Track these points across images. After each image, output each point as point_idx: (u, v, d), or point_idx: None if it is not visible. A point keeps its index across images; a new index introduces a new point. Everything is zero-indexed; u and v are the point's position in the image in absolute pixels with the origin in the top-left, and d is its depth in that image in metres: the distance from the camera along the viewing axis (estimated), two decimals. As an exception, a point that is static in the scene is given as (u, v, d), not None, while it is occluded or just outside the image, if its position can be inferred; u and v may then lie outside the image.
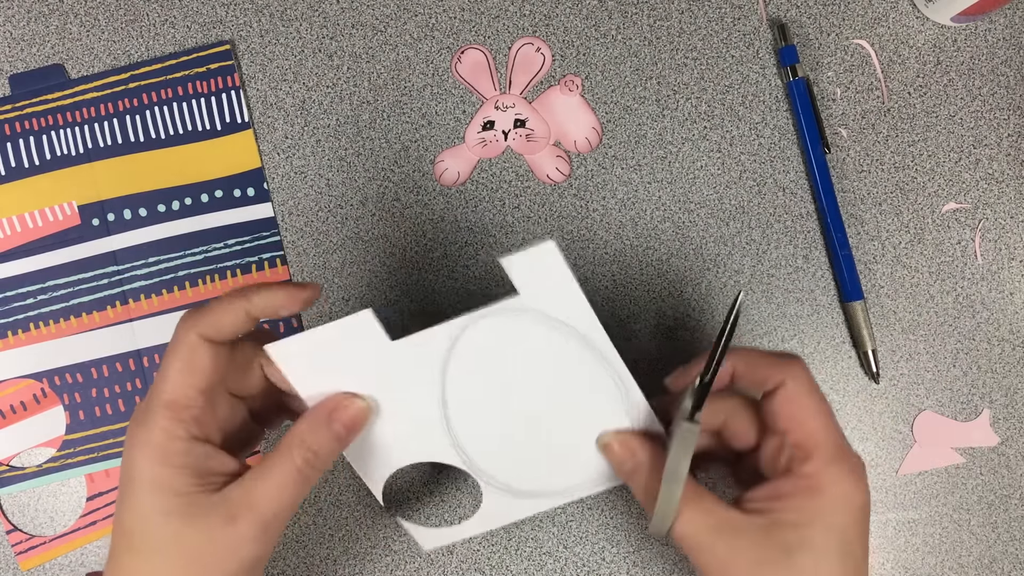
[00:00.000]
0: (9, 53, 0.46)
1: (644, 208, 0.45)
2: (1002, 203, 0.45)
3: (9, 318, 0.45)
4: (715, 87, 0.46)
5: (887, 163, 0.45)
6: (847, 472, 0.30)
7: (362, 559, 0.44)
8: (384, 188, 0.45)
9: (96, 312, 0.45)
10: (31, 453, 0.44)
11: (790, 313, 0.45)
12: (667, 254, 0.45)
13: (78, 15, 0.46)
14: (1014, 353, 0.44)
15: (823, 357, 0.45)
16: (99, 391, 0.44)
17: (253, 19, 0.46)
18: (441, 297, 0.45)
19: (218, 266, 0.45)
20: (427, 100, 0.46)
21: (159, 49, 0.46)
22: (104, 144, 0.45)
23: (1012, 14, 0.46)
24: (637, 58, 0.46)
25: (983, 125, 0.45)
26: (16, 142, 0.45)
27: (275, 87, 0.46)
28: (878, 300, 0.45)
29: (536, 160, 0.45)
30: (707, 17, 0.46)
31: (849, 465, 0.30)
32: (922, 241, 0.45)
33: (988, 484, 0.44)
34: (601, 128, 0.45)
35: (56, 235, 0.45)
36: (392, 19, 0.46)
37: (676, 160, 0.45)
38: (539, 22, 0.46)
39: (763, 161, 0.45)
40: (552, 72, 0.46)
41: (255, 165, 0.45)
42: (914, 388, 0.44)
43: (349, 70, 0.46)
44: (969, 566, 0.44)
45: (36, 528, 0.44)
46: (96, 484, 0.44)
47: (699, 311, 0.45)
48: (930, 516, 0.44)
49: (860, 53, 0.46)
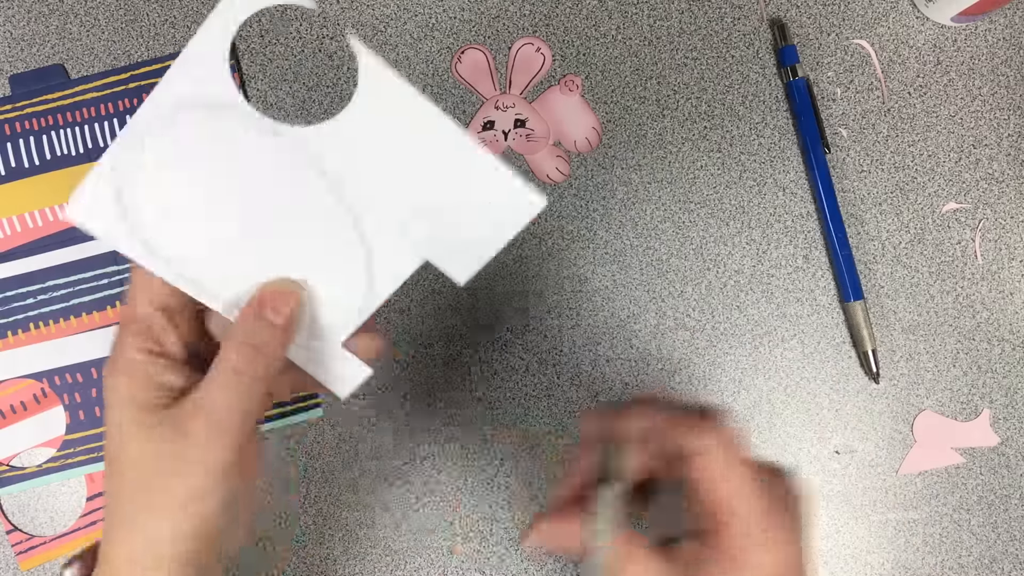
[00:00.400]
0: (9, 53, 0.46)
1: (644, 208, 0.45)
2: (1002, 203, 0.45)
3: (9, 318, 0.45)
4: (715, 87, 0.46)
5: (887, 163, 0.45)
6: (764, 545, 0.29)
7: (362, 559, 0.44)
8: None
9: (96, 312, 0.45)
10: (31, 453, 0.44)
11: (790, 313, 0.45)
12: (667, 254, 0.45)
13: (78, 15, 0.46)
14: (1014, 353, 0.44)
15: (823, 357, 0.45)
16: (99, 391, 0.44)
17: (253, 19, 0.46)
18: (441, 298, 0.45)
19: (218, 266, 0.45)
20: (427, 100, 0.46)
21: (159, 49, 0.46)
22: (104, 144, 0.45)
23: (1012, 14, 0.46)
24: (637, 58, 0.46)
25: (983, 125, 0.45)
26: (16, 142, 0.45)
27: (275, 87, 0.46)
28: (878, 300, 0.45)
29: (536, 160, 0.45)
30: (707, 17, 0.46)
31: (769, 536, 0.29)
32: (922, 241, 0.45)
33: (988, 484, 0.44)
34: (601, 128, 0.45)
35: (56, 235, 0.45)
36: (392, 19, 0.46)
37: (676, 160, 0.45)
38: (539, 22, 0.46)
39: (763, 161, 0.45)
40: (552, 72, 0.46)
41: (255, 165, 0.45)
42: (914, 388, 0.44)
43: (349, 70, 0.46)
44: (969, 566, 0.44)
45: (36, 528, 0.44)
46: (96, 484, 0.44)
47: (699, 311, 0.45)
48: (930, 516, 0.44)
49: (860, 53, 0.46)
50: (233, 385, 0.29)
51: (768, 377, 0.44)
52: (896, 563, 0.44)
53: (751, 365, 0.45)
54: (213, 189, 0.30)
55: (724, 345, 0.45)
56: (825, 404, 0.44)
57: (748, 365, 0.45)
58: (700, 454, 0.30)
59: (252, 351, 0.29)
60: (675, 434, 0.31)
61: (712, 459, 0.30)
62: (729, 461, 0.30)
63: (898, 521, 0.44)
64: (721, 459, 0.30)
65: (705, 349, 0.45)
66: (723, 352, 0.45)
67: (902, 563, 0.44)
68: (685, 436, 0.30)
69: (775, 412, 0.44)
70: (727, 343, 0.45)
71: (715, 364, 0.45)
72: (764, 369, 0.44)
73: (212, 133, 0.30)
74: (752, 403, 0.44)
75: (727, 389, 0.45)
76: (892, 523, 0.44)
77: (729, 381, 0.44)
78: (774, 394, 0.44)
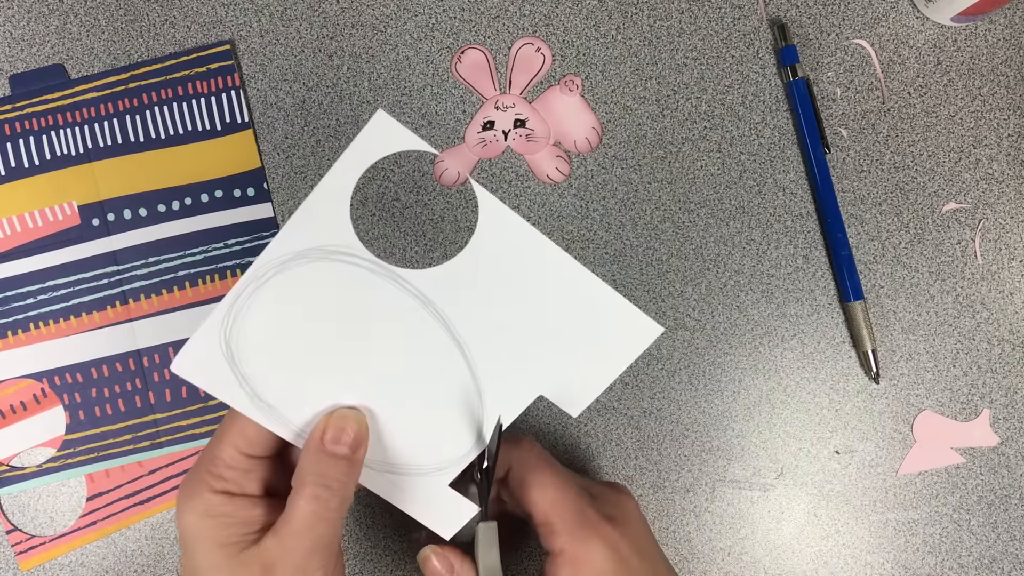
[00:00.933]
0: (9, 53, 0.46)
1: (644, 208, 0.45)
2: (1002, 203, 0.45)
3: (9, 318, 0.45)
4: (715, 87, 0.46)
5: (887, 163, 0.45)
6: (591, 535, 0.30)
7: (362, 559, 0.44)
8: (384, 188, 0.45)
9: (96, 312, 0.45)
10: (31, 453, 0.44)
11: (790, 313, 0.45)
12: (667, 254, 0.45)
13: (78, 15, 0.46)
14: (1014, 353, 0.44)
15: (823, 357, 0.45)
16: (99, 391, 0.44)
17: (253, 19, 0.46)
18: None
19: (218, 266, 0.45)
20: (427, 100, 0.46)
21: (159, 49, 0.46)
22: (104, 144, 0.45)
23: (1012, 14, 0.46)
24: (637, 58, 0.46)
25: (983, 125, 0.45)
26: (16, 142, 0.45)
27: (275, 87, 0.46)
28: (878, 300, 0.45)
29: (536, 160, 0.45)
30: (707, 17, 0.46)
31: (593, 528, 0.31)
32: (922, 241, 0.45)
33: (988, 484, 0.44)
34: (601, 128, 0.45)
35: (56, 235, 0.45)
36: (392, 19, 0.46)
37: (676, 160, 0.45)
38: (539, 22, 0.46)
39: (763, 161, 0.45)
40: (552, 72, 0.46)
41: (255, 165, 0.45)
42: (914, 388, 0.44)
43: (349, 70, 0.46)
44: (969, 566, 0.44)
45: (36, 528, 0.44)
46: (96, 484, 0.44)
47: (699, 311, 0.45)
48: (930, 516, 0.44)
49: (860, 53, 0.46)
50: (308, 530, 0.30)
51: (768, 377, 0.44)
52: (896, 563, 0.44)
53: (751, 365, 0.45)
54: (323, 333, 0.30)
55: (724, 345, 0.45)
56: (825, 404, 0.44)
57: (748, 365, 0.45)
58: (515, 462, 0.32)
59: (324, 491, 0.30)
60: (507, 459, 0.33)
61: (522, 472, 0.32)
62: (538, 471, 0.32)
63: (898, 521, 0.44)
64: (530, 469, 0.32)
65: (705, 349, 0.45)
66: (723, 352, 0.45)
67: (902, 563, 0.44)
68: (503, 452, 0.32)
69: (775, 412, 0.44)
70: (727, 343, 0.45)
71: (715, 364, 0.45)
72: (764, 369, 0.45)
73: (324, 278, 0.29)
74: (752, 403, 0.44)
75: (727, 389, 0.45)
76: (892, 523, 0.44)
77: (729, 381, 0.45)
78: (774, 394, 0.44)
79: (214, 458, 0.31)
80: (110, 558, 0.44)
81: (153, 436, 0.44)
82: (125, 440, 0.44)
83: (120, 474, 0.44)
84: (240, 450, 0.31)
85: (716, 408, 0.44)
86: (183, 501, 0.30)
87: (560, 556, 0.31)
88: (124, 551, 0.44)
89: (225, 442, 0.31)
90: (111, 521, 0.44)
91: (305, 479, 0.30)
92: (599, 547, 0.30)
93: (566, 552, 0.30)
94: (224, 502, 0.30)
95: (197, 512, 0.30)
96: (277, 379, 0.30)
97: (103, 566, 0.44)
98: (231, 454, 0.31)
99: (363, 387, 0.31)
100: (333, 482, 0.30)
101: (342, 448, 0.30)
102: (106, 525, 0.44)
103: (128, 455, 0.44)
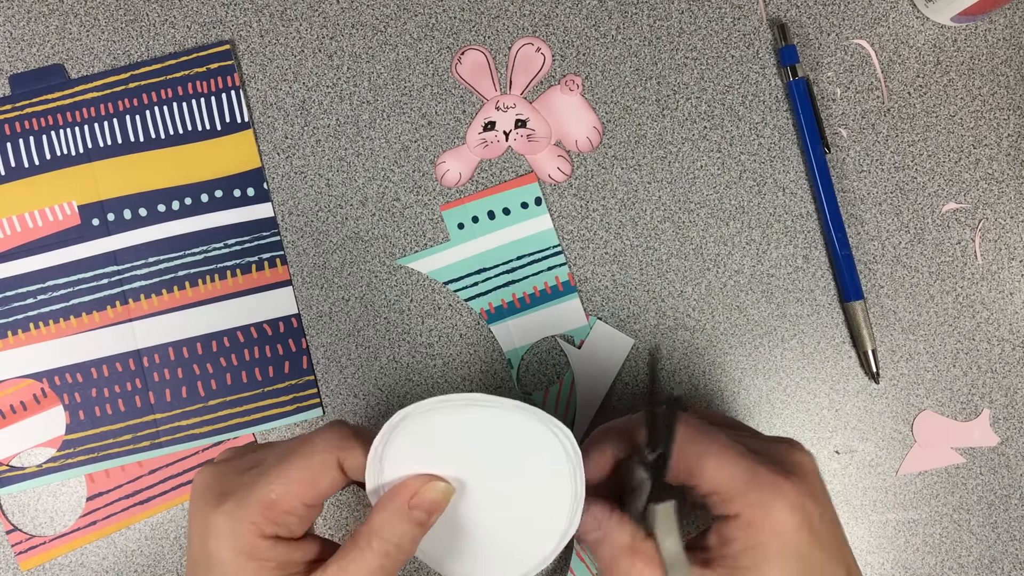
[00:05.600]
0: (9, 53, 0.46)
1: (644, 208, 0.45)
2: (1002, 203, 0.45)
3: (9, 318, 0.45)
4: (715, 87, 0.46)
5: (887, 163, 0.45)
6: (769, 497, 0.29)
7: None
8: (384, 188, 0.45)
9: (96, 312, 0.45)
10: (31, 453, 0.44)
11: (790, 313, 0.45)
12: (667, 254, 0.45)
13: (78, 15, 0.46)
14: (1014, 353, 0.44)
15: (823, 357, 0.45)
16: (99, 391, 0.44)
17: (253, 19, 0.46)
18: (440, 298, 0.45)
19: (218, 266, 0.45)
20: (427, 100, 0.46)
21: (159, 49, 0.46)
22: (104, 144, 0.45)
23: (1012, 14, 0.46)
24: (637, 58, 0.46)
25: (983, 125, 0.45)
26: (16, 142, 0.45)
27: (275, 87, 0.46)
28: (878, 300, 0.45)
29: (537, 160, 0.45)
30: (707, 17, 0.46)
31: (769, 489, 0.29)
32: (922, 241, 0.45)
33: (988, 484, 0.44)
34: (602, 128, 0.45)
35: (56, 235, 0.45)
36: (392, 19, 0.46)
37: (676, 160, 0.45)
38: (539, 22, 0.46)
39: (763, 161, 0.45)
40: (552, 72, 0.46)
41: (255, 165, 0.45)
42: (914, 388, 0.44)
43: (349, 70, 0.46)
44: (969, 566, 0.44)
45: (36, 528, 0.44)
46: (96, 484, 0.44)
47: (699, 311, 0.45)
48: (930, 516, 0.44)
49: (860, 53, 0.46)
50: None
51: (768, 377, 0.44)
52: (896, 563, 0.44)
53: (751, 365, 0.45)
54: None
55: (724, 345, 0.45)
56: (825, 404, 0.44)
57: (748, 365, 0.45)
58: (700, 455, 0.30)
59: (395, 550, 0.30)
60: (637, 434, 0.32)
61: (681, 445, 0.30)
62: (697, 440, 0.31)
63: (898, 521, 0.44)
64: (688, 440, 0.31)
65: (705, 349, 0.45)
66: (723, 352, 0.45)
67: (902, 563, 0.44)
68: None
69: (775, 412, 0.44)
70: (727, 343, 0.45)
71: (715, 364, 0.45)
72: (764, 369, 0.45)
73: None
74: (752, 403, 0.44)
75: (727, 389, 0.45)
76: (892, 523, 0.44)
77: (729, 381, 0.45)
78: (774, 394, 0.44)
79: (272, 504, 0.30)
80: (110, 558, 0.44)
81: (153, 436, 0.44)
82: (125, 440, 0.44)
83: (120, 474, 0.44)
84: (304, 501, 0.31)
85: (716, 408, 0.44)
86: (219, 529, 0.30)
87: (736, 519, 0.29)
88: (124, 551, 0.44)
89: (289, 492, 0.30)
90: (111, 521, 0.44)
91: (380, 534, 0.30)
92: (780, 507, 0.29)
93: (742, 515, 0.29)
94: (271, 547, 0.30)
95: (238, 551, 0.29)
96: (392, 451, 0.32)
97: (103, 566, 0.44)
98: (293, 504, 0.30)
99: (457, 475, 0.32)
100: (407, 543, 0.30)
101: (421, 514, 0.31)
102: (106, 525, 0.44)
103: (128, 455, 0.44)
